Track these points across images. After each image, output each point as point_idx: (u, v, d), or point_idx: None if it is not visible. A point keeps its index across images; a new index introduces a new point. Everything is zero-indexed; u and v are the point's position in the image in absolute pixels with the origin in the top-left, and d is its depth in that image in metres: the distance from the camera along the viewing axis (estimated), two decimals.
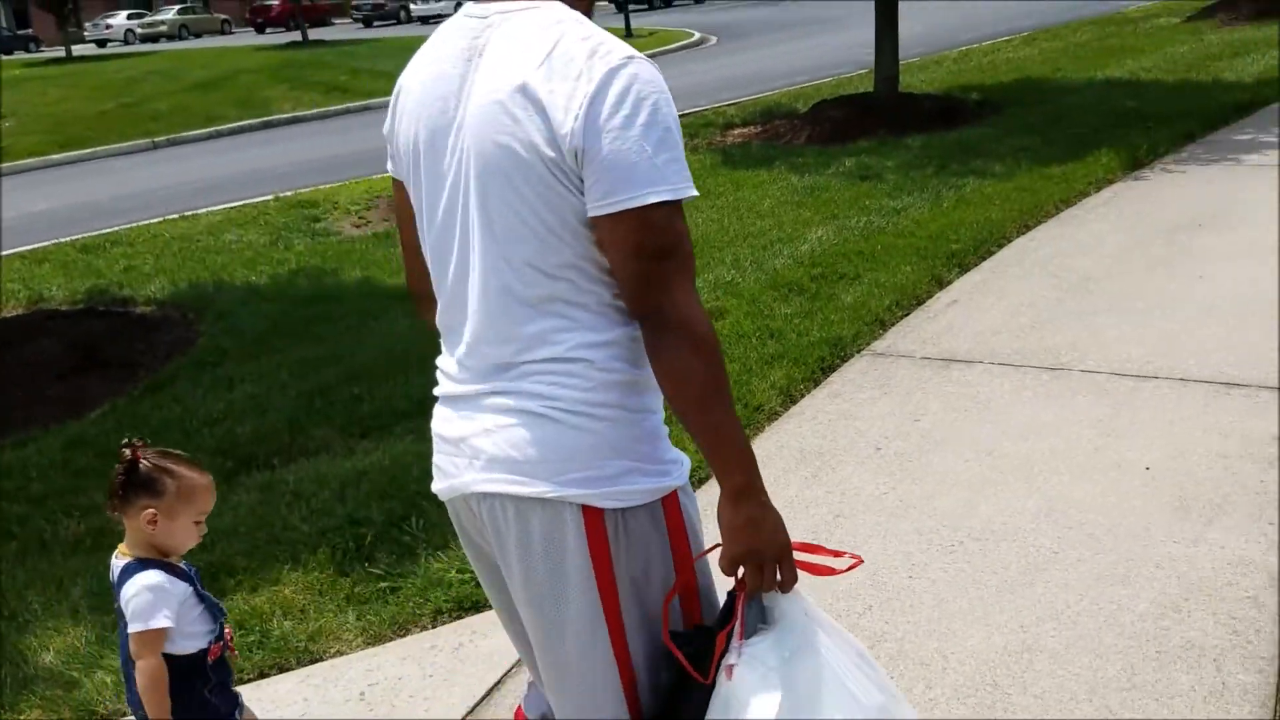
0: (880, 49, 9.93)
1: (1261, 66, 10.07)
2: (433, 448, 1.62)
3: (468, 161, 1.46)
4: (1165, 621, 2.58)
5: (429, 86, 1.51)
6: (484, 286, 1.49)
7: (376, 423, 4.24)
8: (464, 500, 1.57)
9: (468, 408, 1.54)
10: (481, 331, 1.51)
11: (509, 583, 1.58)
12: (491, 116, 1.43)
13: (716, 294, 5.35)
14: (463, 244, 1.50)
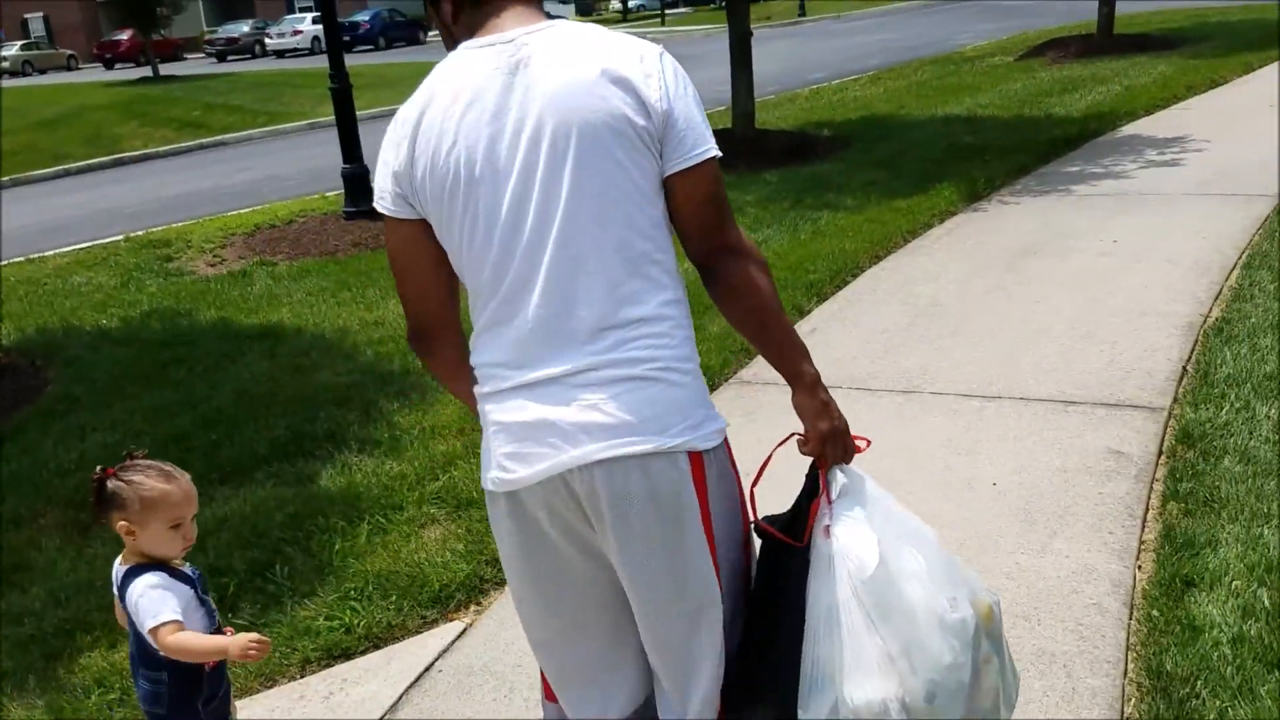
0: (736, 87, 10.22)
1: (1088, 102, 10.76)
2: (493, 441, 1.69)
3: (548, 144, 1.61)
4: (1018, 630, 2.71)
5: (467, 106, 1.63)
6: (571, 260, 1.62)
7: (236, 468, 4.12)
8: (560, 480, 1.64)
9: (556, 387, 1.63)
10: (569, 303, 1.62)
11: (617, 557, 1.68)
12: (578, 100, 1.60)
13: None
14: (538, 228, 1.62)
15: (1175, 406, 3.84)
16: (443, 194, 1.65)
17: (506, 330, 1.66)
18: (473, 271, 1.68)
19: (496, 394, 1.69)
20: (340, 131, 8.68)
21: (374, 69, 28.09)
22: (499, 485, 1.69)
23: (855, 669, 1.71)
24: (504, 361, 1.68)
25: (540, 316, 1.63)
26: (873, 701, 1.69)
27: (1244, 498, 3.13)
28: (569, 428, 1.62)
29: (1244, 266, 5.22)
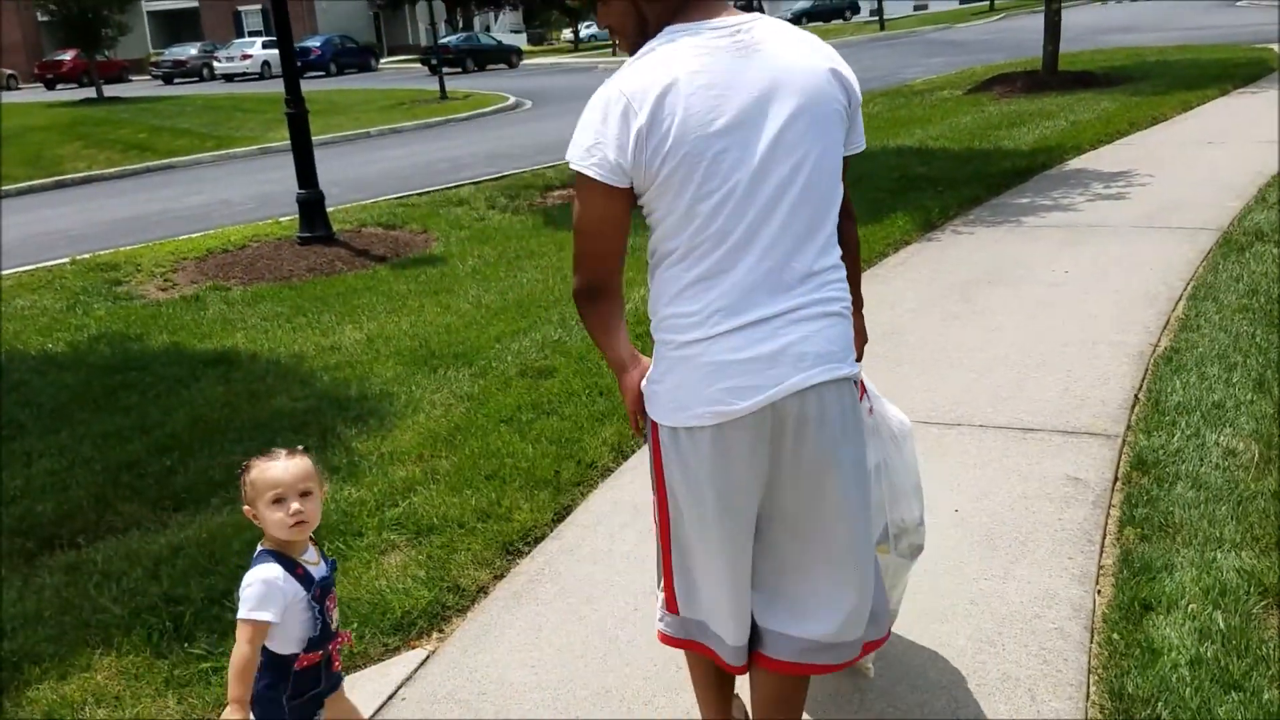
0: None
1: (1036, 136, 11.01)
2: (706, 380, 1.92)
3: (787, 117, 1.90)
4: (982, 655, 2.74)
5: (709, 82, 1.86)
6: (795, 218, 1.92)
7: (191, 496, 4.04)
8: (781, 405, 1.92)
9: (777, 324, 1.92)
10: (789, 254, 1.93)
11: (799, 470, 1.98)
12: (811, 85, 1.92)
13: (545, 353, 5.39)
14: (776, 189, 1.91)
15: (1129, 434, 3.92)
16: (684, 153, 1.86)
17: (725, 279, 1.92)
18: (695, 224, 1.91)
19: (710, 338, 1.93)
20: (296, 156, 8.61)
21: (325, 94, 27.99)
22: (717, 418, 1.93)
23: (898, 499, 2.49)
24: (722, 308, 1.92)
25: (766, 267, 1.91)
26: (908, 518, 2.52)
27: (1197, 523, 3.19)
28: (789, 356, 1.92)
29: (1190, 297, 5.35)
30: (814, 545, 2.05)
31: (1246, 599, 2.79)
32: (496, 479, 3.93)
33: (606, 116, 1.90)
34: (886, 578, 2.39)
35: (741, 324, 1.91)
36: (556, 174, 12.05)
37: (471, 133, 19.06)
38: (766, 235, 1.91)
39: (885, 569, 2.41)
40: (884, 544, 2.48)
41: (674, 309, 1.97)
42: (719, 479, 1.98)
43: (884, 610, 2.21)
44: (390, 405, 4.83)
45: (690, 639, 2.18)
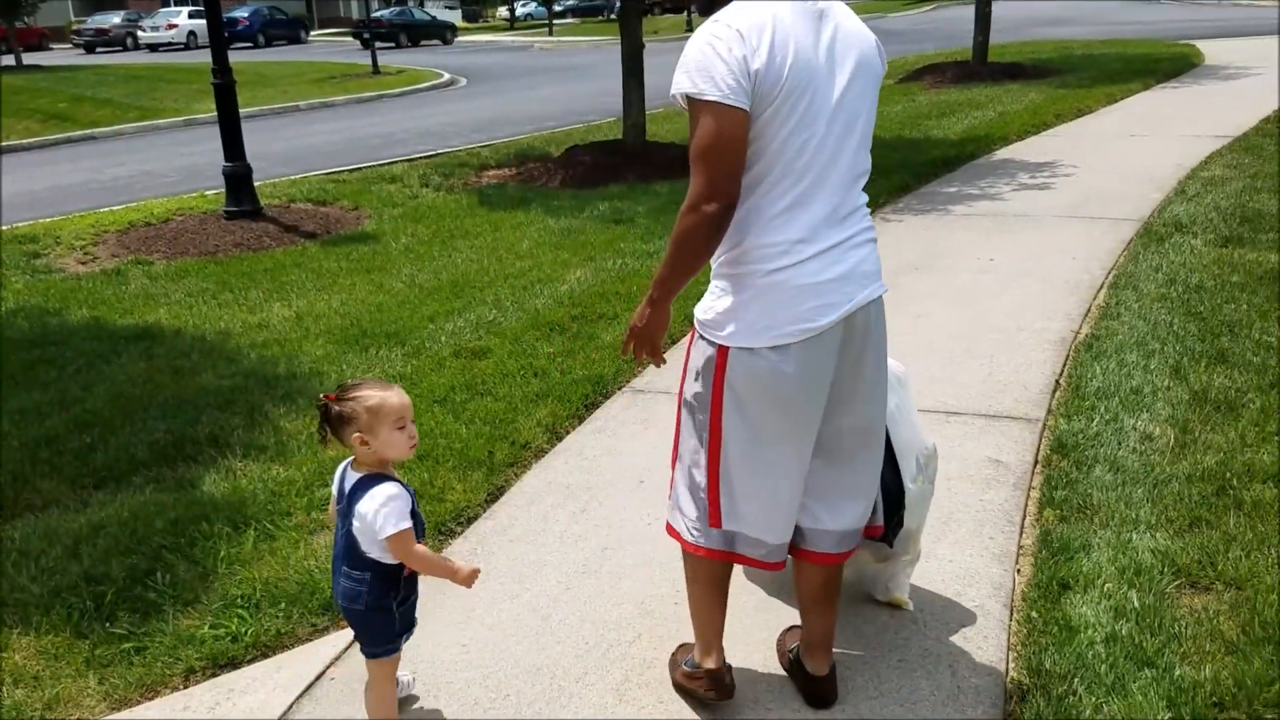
0: (628, 99, 10.30)
1: (965, 126, 11.20)
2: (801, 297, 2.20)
3: (857, 80, 2.22)
4: (905, 633, 2.80)
5: (800, 34, 2.16)
6: (853, 163, 2.25)
7: (112, 473, 3.94)
8: (851, 317, 2.25)
9: (841, 250, 2.24)
10: (846, 192, 2.25)
11: (860, 375, 2.32)
12: (867, 53, 2.26)
13: (479, 333, 5.36)
14: (843, 135, 2.22)
15: (1050, 418, 4.02)
16: (789, 90, 2.13)
17: (808, 211, 2.21)
18: (788, 157, 2.18)
19: (799, 263, 2.21)
20: (223, 128, 8.42)
21: (253, 66, 27.35)
22: (805, 334, 2.22)
23: (917, 433, 2.78)
24: (803, 238, 2.21)
25: (833, 201, 2.23)
26: (928, 446, 2.82)
27: (1114, 505, 3.30)
28: (856, 277, 2.25)
29: (1111, 286, 5.50)
30: (868, 441, 2.41)
31: (1160, 578, 2.89)
32: (429, 459, 3.90)
33: (729, 48, 2.10)
34: (921, 510, 2.76)
35: (818, 251, 2.22)
36: (492, 153, 11.95)
37: (405, 109, 18.78)
38: (835, 175, 2.23)
39: (922, 498, 2.75)
40: (920, 475, 2.74)
41: (762, 239, 2.22)
42: (806, 388, 2.26)
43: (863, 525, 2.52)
44: (320, 384, 4.76)
45: (729, 550, 2.43)
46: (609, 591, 3.07)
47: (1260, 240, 6.07)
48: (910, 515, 2.71)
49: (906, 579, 2.89)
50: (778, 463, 2.32)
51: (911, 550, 2.83)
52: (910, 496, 2.68)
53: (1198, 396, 4.01)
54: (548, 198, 9.11)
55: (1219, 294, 5.15)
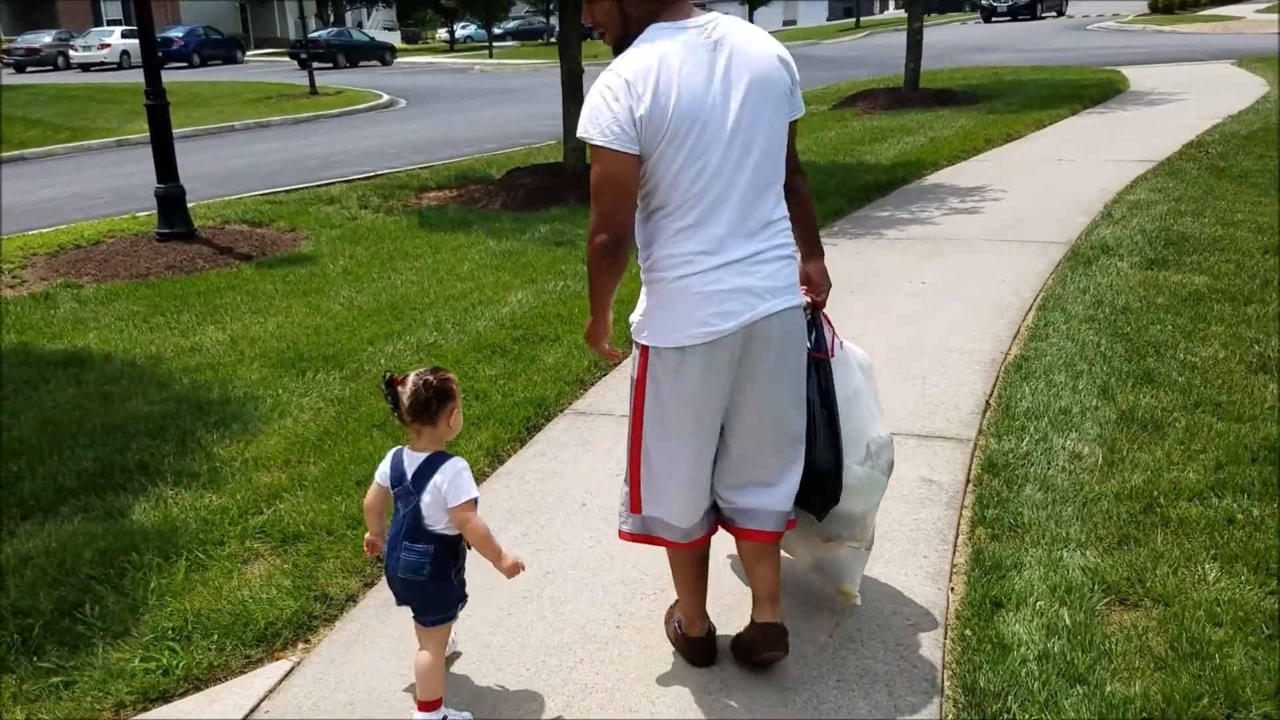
0: (568, 123, 10.34)
1: (897, 151, 11.41)
2: (698, 307, 2.42)
3: (754, 107, 2.40)
4: (843, 652, 2.84)
5: (688, 71, 2.35)
6: (757, 179, 2.43)
7: (40, 503, 3.85)
8: (752, 325, 2.45)
9: (748, 264, 2.44)
10: (750, 209, 2.44)
11: (756, 379, 2.52)
12: (766, 74, 2.43)
13: (419, 356, 5.32)
14: (741, 155, 2.41)
15: (980, 438, 4.10)
16: (673, 133, 2.33)
17: (707, 230, 2.41)
18: (683, 186, 2.39)
19: (699, 273, 2.42)
20: (155, 149, 8.29)
21: (188, 86, 26.98)
22: (707, 337, 2.43)
23: (871, 422, 2.88)
24: (705, 250, 2.41)
25: (736, 218, 2.42)
26: (882, 436, 2.90)
27: (1044, 523, 3.37)
28: (759, 289, 2.45)
29: (1039, 308, 5.63)
30: (775, 433, 2.62)
31: (1091, 596, 2.96)
32: (367, 484, 3.85)
33: (617, 97, 2.33)
34: (868, 495, 2.86)
35: (721, 263, 2.42)
36: (432, 175, 11.91)
37: (343, 130, 18.64)
38: (736, 194, 2.42)
39: (870, 484, 2.85)
40: (868, 460, 2.85)
41: (666, 250, 2.45)
42: (705, 386, 2.49)
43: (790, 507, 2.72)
44: (255, 409, 4.69)
45: (647, 533, 2.69)
46: (550, 617, 3.07)
47: (1184, 262, 6.26)
48: (855, 499, 2.81)
49: (857, 570, 2.95)
50: (683, 452, 2.58)
51: (860, 537, 2.90)
52: (855, 478, 2.79)
53: (1125, 416, 4.12)
54: (489, 220, 9.10)
55: (1145, 315, 5.30)
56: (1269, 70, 17.69)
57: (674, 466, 2.59)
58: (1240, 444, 3.80)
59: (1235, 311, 5.30)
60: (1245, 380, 4.42)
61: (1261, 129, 11.48)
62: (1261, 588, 2.94)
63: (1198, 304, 5.45)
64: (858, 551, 2.93)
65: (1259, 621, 2.79)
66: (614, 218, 2.38)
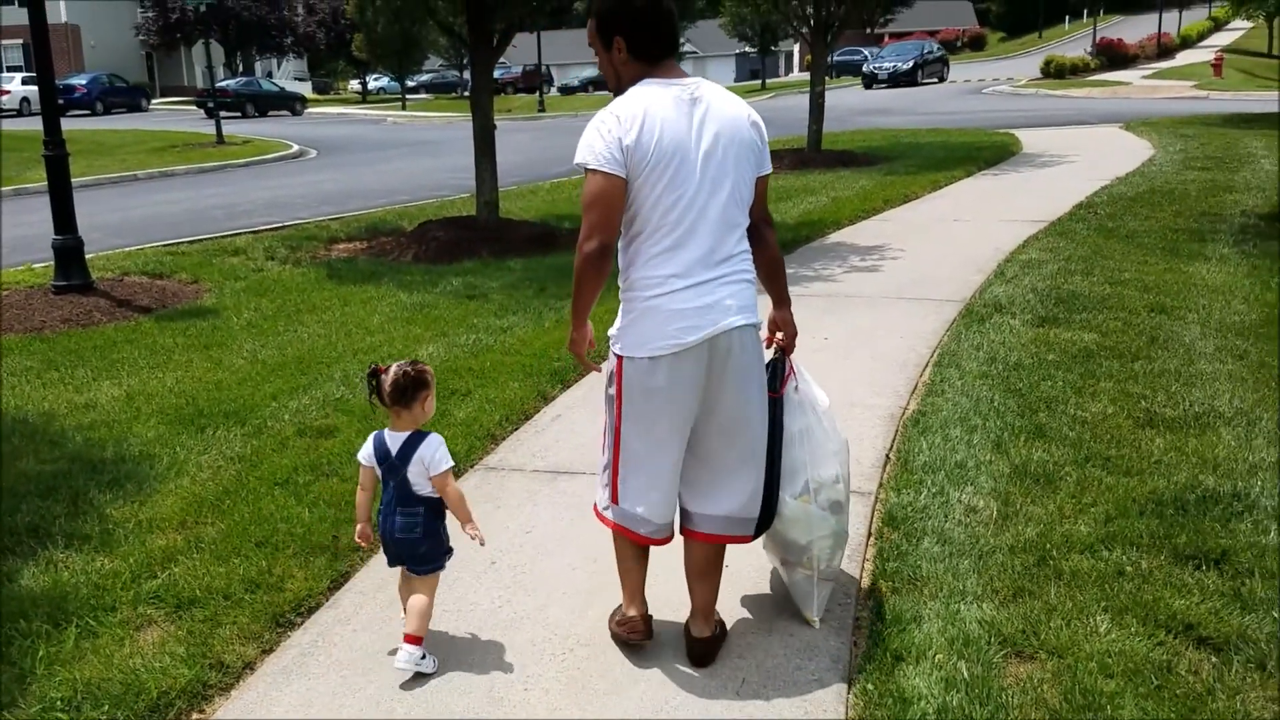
0: (480, 177, 10.39)
1: (800, 211, 11.69)
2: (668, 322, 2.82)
3: (722, 155, 2.84)
4: (749, 708, 2.86)
5: (670, 117, 2.80)
6: (724, 216, 2.85)
7: None
8: (712, 341, 2.82)
9: (711, 285, 2.83)
10: (718, 241, 2.85)
11: (723, 388, 2.89)
12: (735, 130, 2.88)
13: (326, 411, 5.25)
14: (711, 193, 2.83)
15: (881, 491, 4.20)
16: (655, 163, 2.77)
17: (681, 255, 2.82)
18: (659, 214, 2.80)
19: (671, 292, 2.81)
20: (54, 201, 8.08)
21: (90, 134, 26.37)
22: (674, 348, 2.82)
23: (818, 461, 3.13)
24: (676, 273, 2.82)
25: (706, 248, 2.83)
26: (827, 475, 3.15)
27: (942, 576, 3.46)
28: (721, 307, 2.83)
29: (936, 364, 5.81)
30: (734, 442, 2.96)
31: (988, 649, 3.03)
32: (268, 546, 3.78)
33: (609, 130, 2.77)
34: (809, 528, 3.14)
35: (690, 284, 2.81)
36: (342, 226, 11.81)
37: (251, 180, 18.38)
38: (706, 226, 2.83)
39: (806, 518, 3.12)
40: (805, 495, 3.11)
41: (643, 273, 2.85)
42: (673, 393, 2.86)
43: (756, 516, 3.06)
44: (151, 468, 4.57)
45: (623, 524, 3.04)
46: (458, 680, 3.03)
47: (1074, 320, 6.53)
48: (794, 529, 3.14)
49: (814, 598, 3.22)
50: (656, 453, 2.94)
51: (809, 566, 3.18)
52: (788, 509, 3.12)
53: (1018, 470, 4.26)
54: (400, 272, 9.04)
55: (1036, 371, 5.51)
56: (1154, 134, 18.65)
57: (651, 466, 2.96)
58: (1129, 497, 3.96)
59: (1123, 368, 5.54)
60: (1133, 435, 4.62)
61: (1147, 191, 12.07)
62: (1150, 639, 3.05)
63: (1087, 361, 5.68)
64: (812, 579, 3.21)
65: (1148, 672, 2.90)
66: (602, 228, 2.78)
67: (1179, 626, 3.10)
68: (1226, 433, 4.60)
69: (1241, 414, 4.81)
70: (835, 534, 3.20)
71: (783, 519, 3.13)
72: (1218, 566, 3.45)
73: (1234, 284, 7.37)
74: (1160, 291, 7.20)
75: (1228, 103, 28.33)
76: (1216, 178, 12.98)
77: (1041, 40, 66.34)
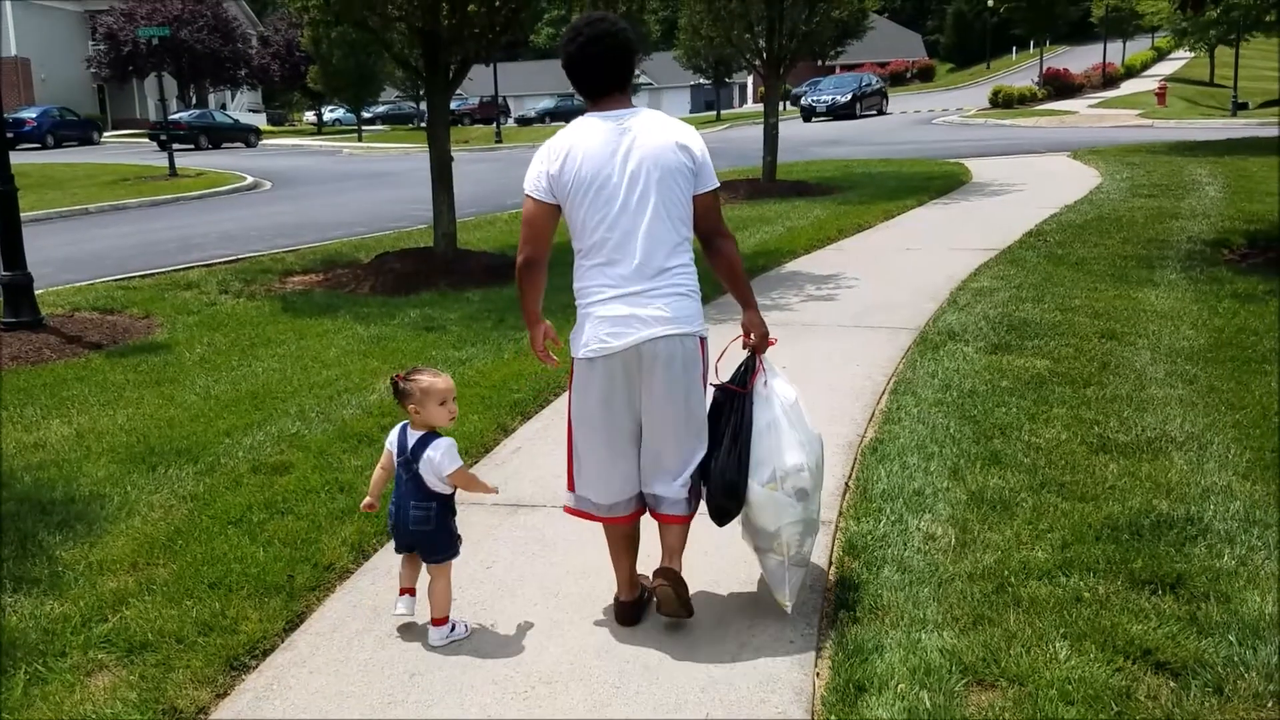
0: (438, 208, 10.37)
1: (757, 240, 11.77)
2: (597, 328, 3.20)
3: (645, 181, 3.17)
4: None
5: (594, 147, 3.18)
6: (651, 233, 3.18)
7: None
8: (638, 348, 3.17)
9: (643, 297, 3.17)
10: (648, 256, 3.18)
11: (652, 391, 3.23)
12: (661, 154, 3.20)
13: (281, 447, 5.18)
14: (636, 214, 3.17)
15: (840, 520, 4.22)
16: (582, 189, 3.17)
17: (612, 269, 3.19)
18: (590, 233, 3.19)
19: (602, 301, 3.19)
20: (1, 236, 7.93)
21: (41, 168, 26.03)
22: (601, 352, 3.19)
23: (784, 451, 3.35)
24: (607, 284, 3.19)
25: (635, 263, 3.17)
26: (794, 464, 3.35)
27: (903, 605, 3.47)
28: (646, 318, 3.17)
29: (892, 392, 5.86)
30: (666, 436, 3.31)
31: (949, 677, 3.03)
32: (221, 587, 3.71)
33: (541, 160, 3.23)
34: (777, 514, 3.36)
35: (619, 294, 3.17)
36: (297, 259, 11.72)
37: (204, 212, 18.20)
38: (637, 242, 3.17)
39: (774, 504, 3.35)
40: (772, 483, 3.35)
41: (582, 283, 3.26)
42: (602, 392, 3.25)
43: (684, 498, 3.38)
44: (101, 508, 4.48)
45: (579, 508, 3.46)
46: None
47: (1026, 347, 6.62)
48: (762, 515, 3.38)
49: (786, 583, 3.41)
50: (597, 444, 3.32)
51: (780, 551, 3.39)
52: (756, 496, 3.36)
53: (975, 497, 4.30)
54: (356, 305, 8.98)
55: (990, 398, 5.57)
56: (1101, 162, 19.05)
57: (592, 452, 3.34)
58: (1084, 523, 4.01)
59: (1075, 394, 5.62)
60: (1087, 460, 4.67)
61: (1096, 218, 12.30)
62: (1109, 664, 3.07)
63: (1040, 387, 5.75)
64: (783, 565, 3.40)
65: (1108, 699, 2.91)
66: (530, 242, 3.26)
67: (1137, 652, 3.13)
68: (1179, 457, 4.67)
69: (1193, 438, 4.89)
70: (804, 521, 3.40)
71: (751, 505, 3.37)
72: (1173, 591, 3.49)
73: (1182, 309, 7.52)
74: (1110, 318, 7.33)
75: (1172, 131, 29.04)
76: (1163, 205, 13.27)
77: (989, 71, 67.65)
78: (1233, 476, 4.43)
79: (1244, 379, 5.77)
